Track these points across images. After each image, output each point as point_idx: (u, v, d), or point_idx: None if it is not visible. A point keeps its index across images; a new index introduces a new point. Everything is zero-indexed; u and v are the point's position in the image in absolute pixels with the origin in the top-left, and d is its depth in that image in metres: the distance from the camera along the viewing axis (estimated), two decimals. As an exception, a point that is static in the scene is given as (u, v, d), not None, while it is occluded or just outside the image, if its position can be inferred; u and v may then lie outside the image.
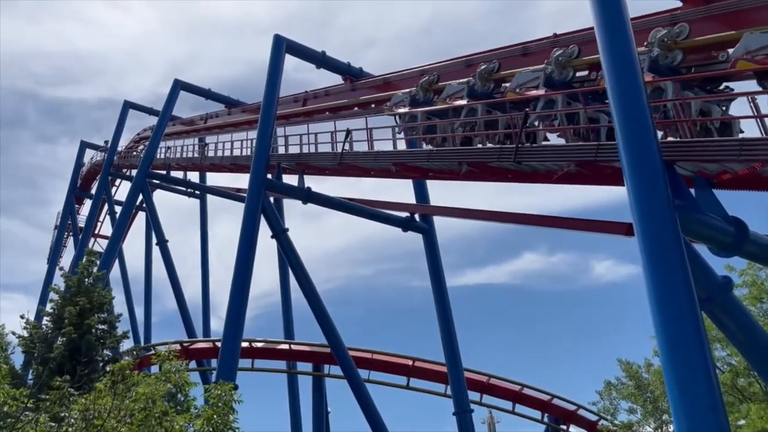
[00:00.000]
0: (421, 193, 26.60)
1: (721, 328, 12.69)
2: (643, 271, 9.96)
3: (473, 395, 28.44)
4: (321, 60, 25.43)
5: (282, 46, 24.67)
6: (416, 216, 25.88)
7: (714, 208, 11.49)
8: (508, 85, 16.76)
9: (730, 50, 11.91)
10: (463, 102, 17.52)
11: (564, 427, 31.29)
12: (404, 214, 25.61)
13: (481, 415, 38.73)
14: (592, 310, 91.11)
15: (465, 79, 18.11)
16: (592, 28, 12.77)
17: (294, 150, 24.86)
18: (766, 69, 11.24)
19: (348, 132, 21.79)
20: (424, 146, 18.93)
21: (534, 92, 15.57)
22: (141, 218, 41.91)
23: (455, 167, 17.54)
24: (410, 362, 30.48)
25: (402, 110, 19.71)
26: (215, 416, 10.50)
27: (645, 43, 13.21)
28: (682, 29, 13.02)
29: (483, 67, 17.66)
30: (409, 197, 26.72)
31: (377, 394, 25.55)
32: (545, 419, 31.18)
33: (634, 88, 11.04)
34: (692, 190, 11.77)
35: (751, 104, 11.50)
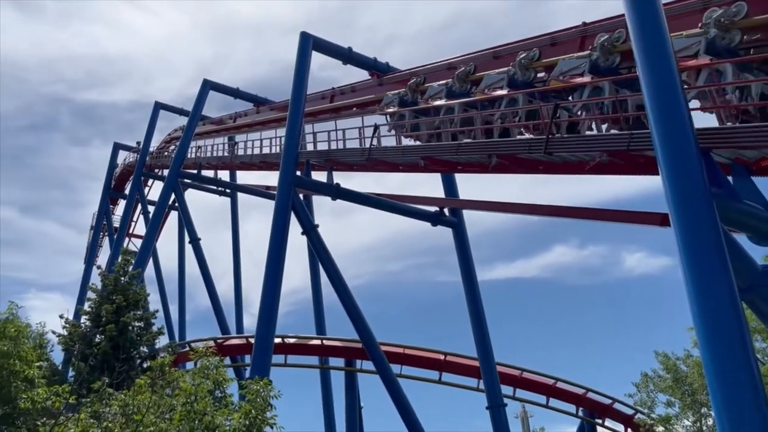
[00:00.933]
0: (450, 187, 26.48)
1: (761, 319, 12.42)
2: (680, 262, 9.76)
3: (506, 389, 28.28)
4: (347, 56, 25.44)
5: (309, 43, 24.74)
6: (445, 210, 25.77)
7: (753, 196, 11.21)
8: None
9: None
10: (442, 102, 19.34)
11: (599, 420, 30.91)
12: (433, 209, 25.52)
13: (514, 410, 38.57)
14: (625, 303, 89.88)
15: (444, 81, 19.76)
16: (621, 15, 12.58)
17: (322, 147, 24.99)
18: None
19: (376, 127, 21.81)
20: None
21: (499, 92, 17.41)
22: (173, 217, 42.67)
23: (484, 160, 17.43)
24: (442, 357, 30.41)
25: (391, 110, 21.52)
26: (253, 411, 10.63)
27: (699, 24, 12.93)
28: (740, 8, 12.61)
29: (461, 69, 19.22)
30: (438, 192, 26.67)
31: (409, 388, 25.57)
32: (580, 413, 30.85)
33: (668, 74, 10.78)
34: (730, 178, 11.49)
35: None
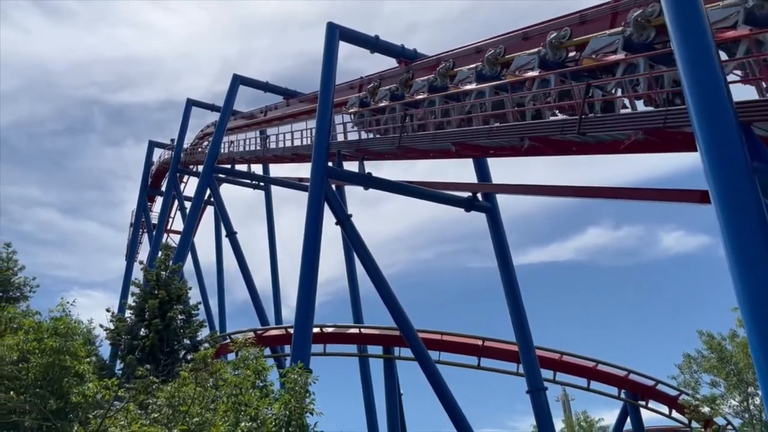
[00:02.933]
0: (483, 171, 26.21)
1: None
2: (721, 239, 9.54)
3: (546, 373, 28.06)
4: (374, 44, 25.34)
5: (335, 33, 24.72)
6: (479, 195, 25.54)
7: (797, 169, 10.84)
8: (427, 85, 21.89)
9: None
10: (386, 103, 23.34)
11: (643, 402, 30.51)
12: (466, 194, 25.31)
13: (555, 393, 38.29)
14: (663, 284, 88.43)
15: (389, 86, 23.53)
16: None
17: (352, 137, 25.00)
18: None
19: (405, 115, 21.74)
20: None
21: (419, 96, 20.87)
22: (209, 212, 43.37)
23: (516, 143, 17.24)
24: (480, 342, 30.31)
25: (353, 110, 25.58)
26: (292, 400, 10.82)
27: None
28: None
29: (403, 75, 22.93)
30: (468, 178, 26.45)
31: (448, 374, 25.57)
32: (622, 395, 30.50)
33: (704, 45, 10.49)
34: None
35: None
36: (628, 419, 30.58)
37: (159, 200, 48.40)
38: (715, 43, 10.82)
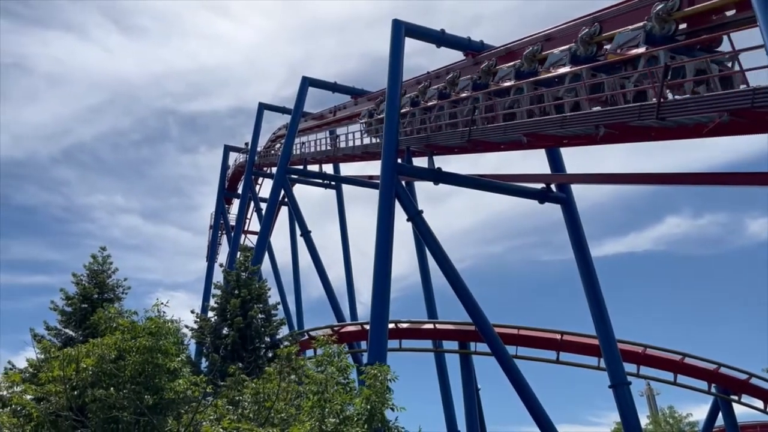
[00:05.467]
0: (556, 161, 25.58)
1: None
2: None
3: (629, 367, 27.19)
4: (440, 38, 25.17)
5: (401, 30, 24.76)
6: (552, 186, 24.95)
7: None
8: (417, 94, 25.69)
9: None
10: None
11: (735, 397, 29.07)
12: (539, 186, 24.77)
13: (639, 388, 37.01)
14: (752, 272, 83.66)
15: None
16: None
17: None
18: None
19: (473, 107, 21.51)
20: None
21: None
22: (284, 212, 44.48)
23: (591, 131, 16.72)
24: (559, 336, 29.72)
25: (364, 120, 30.28)
26: (373, 395, 10.99)
27: None
28: None
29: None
30: (539, 169, 25.91)
31: (527, 369, 25.18)
32: (712, 390, 29.15)
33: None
34: None
35: None
36: (720, 414, 29.25)
37: (236, 202, 50.03)
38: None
